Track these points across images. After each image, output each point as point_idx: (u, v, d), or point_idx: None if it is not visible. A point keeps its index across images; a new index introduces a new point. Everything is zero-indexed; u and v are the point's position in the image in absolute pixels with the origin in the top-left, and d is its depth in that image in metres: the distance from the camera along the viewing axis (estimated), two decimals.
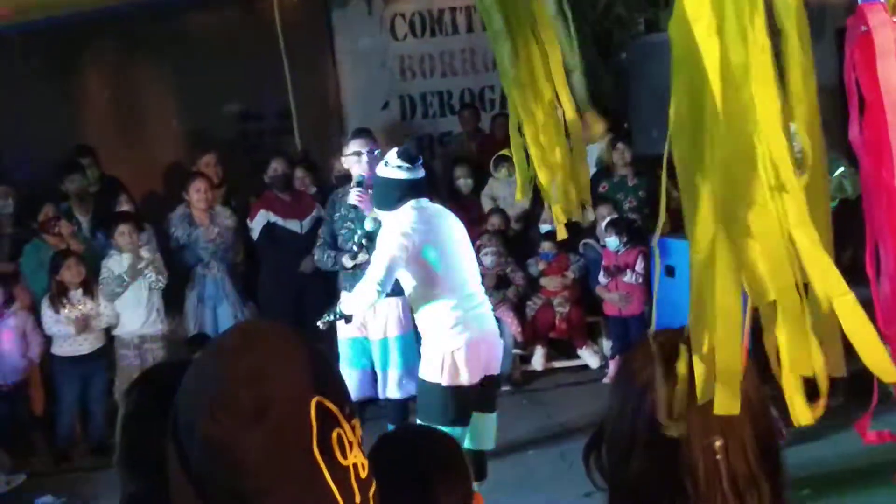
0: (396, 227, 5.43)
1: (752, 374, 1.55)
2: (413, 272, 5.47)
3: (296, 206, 8.51)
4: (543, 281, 9.01)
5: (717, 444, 1.48)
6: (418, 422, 5.62)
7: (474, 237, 8.99)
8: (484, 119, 10.93)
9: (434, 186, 9.73)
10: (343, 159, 6.55)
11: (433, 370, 5.47)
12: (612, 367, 8.50)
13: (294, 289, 8.35)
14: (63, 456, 7.82)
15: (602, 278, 8.65)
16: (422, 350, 5.67)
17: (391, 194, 5.52)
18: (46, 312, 7.75)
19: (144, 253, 7.95)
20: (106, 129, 10.30)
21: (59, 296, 7.71)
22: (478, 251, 8.78)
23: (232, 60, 10.45)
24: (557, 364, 9.12)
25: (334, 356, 6.34)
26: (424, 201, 5.62)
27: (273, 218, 8.42)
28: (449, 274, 5.48)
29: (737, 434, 1.50)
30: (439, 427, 5.47)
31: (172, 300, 8.39)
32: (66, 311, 7.71)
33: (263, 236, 8.44)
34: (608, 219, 8.66)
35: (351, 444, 1.25)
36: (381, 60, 11.17)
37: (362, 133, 6.57)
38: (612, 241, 8.52)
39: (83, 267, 7.79)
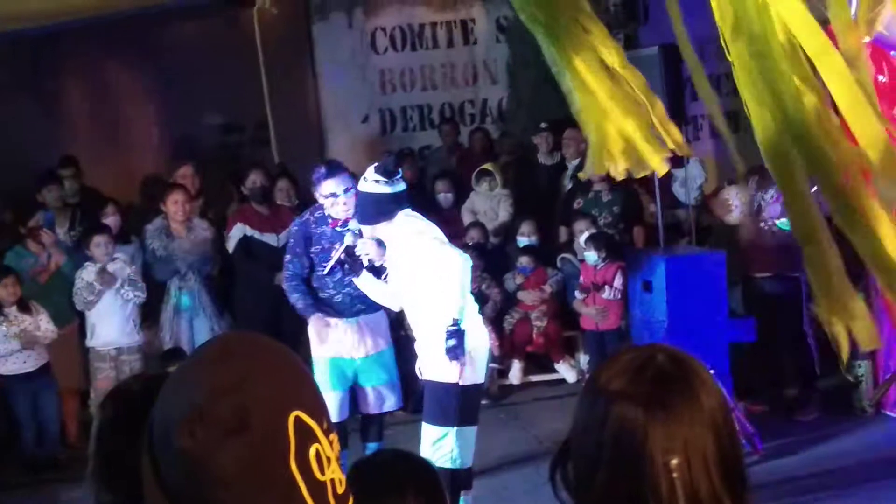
0: (414, 231, 5.49)
1: (717, 392, 1.55)
2: (419, 278, 5.48)
3: (273, 220, 8.48)
4: (521, 295, 9.03)
5: (674, 462, 1.47)
6: (425, 425, 5.63)
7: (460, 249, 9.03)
8: (463, 133, 10.96)
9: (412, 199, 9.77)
10: (319, 198, 6.28)
11: (450, 370, 5.45)
12: None
13: (270, 302, 8.30)
14: (33, 469, 7.75)
15: (578, 294, 8.67)
16: (429, 353, 5.59)
17: (374, 208, 5.56)
18: None
19: (112, 266, 7.87)
20: (86, 139, 10.27)
21: None
22: None
23: (213, 72, 10.44)
24: (534, 378, 9.13)
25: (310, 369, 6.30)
26: (411, 211, 5.66)
27: (250, 231, 8.39)
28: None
29: (699, 451, 1.49)
30: (450, 428, 5.51)
31: (148, 312, 8.36)
32: (4, 328, 7.65)
33: (239, 249, 8.40)
34: (587, 234, 8.69)
35: (329, 459, 1.25)
36: (362, 74, 11.18)
37: (336, 171, 6.23)
38: (591, 256, 8.54)
39: (18, 287, 7.70)
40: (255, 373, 1.25)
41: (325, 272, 6.10)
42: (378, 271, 5.90)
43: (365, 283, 5.89)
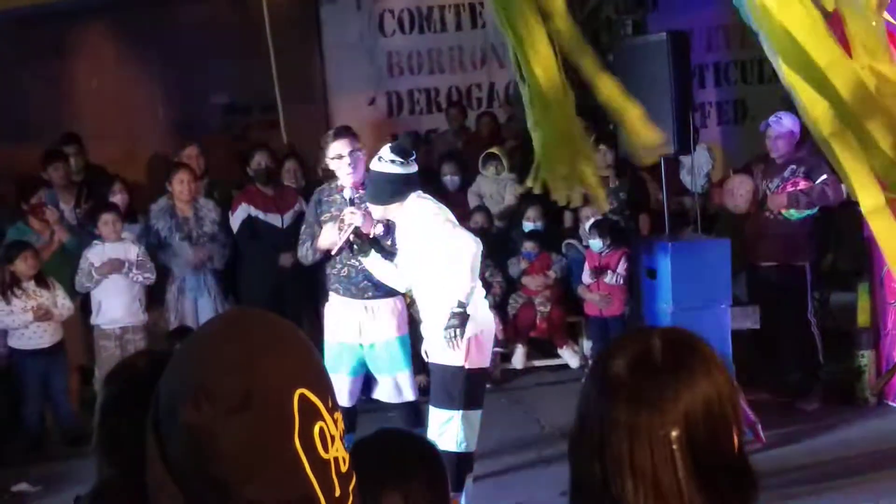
0: (427, 212, 5.47)
1: (719, 374, 1.54)
2: (429, 260, 5.45)
3: (278, 200, 8.49)
4: (525, 280, 9.03)
5: (673, 433, 1.48)
6: (432, 408, 5.62)
7: None
8: (470, 117, 10.94)
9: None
10: (327, 161, 6.25)
11: (454, 354, 5.45)
12: None
13: (273, 283, 8.33)
14: (34, 445, 7.78)
15: (586, 277, 8.66)
16: (436, 336, 5.52)
17: (386, 188, 5.52)
18: None
19: (118, 250, 7.88)
20: (92, 117, 10.27)
21: (11, 286, 7.65)
22: None
23: (220, 52, 10.45)
24: (538, 363, 9.15)
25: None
26: (423, 193, 5.64)
27: (254, 212, 8.39)
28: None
29: (698, 429, 1.48)
30: (457, 412, 5.50)
31: (153, 292, 8.38)
32: (21, 301, 7.66)
33: (244, 230, 8.41)
34: (592, 220, 8.69)
35: (333, 437, 1.25)
36: (369, 56, 11.17)
37: (343, 133, 6.24)
38: (596, 243, 8.55)
39: (38, 261, 7.72)
40: (261, 349, 1.25)
41: (335, 252, 6.00)
42: (387, 253, 5.87)
43: (372, 263, 5.86)
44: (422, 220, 5.50)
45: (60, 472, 6.91)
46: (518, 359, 9.03)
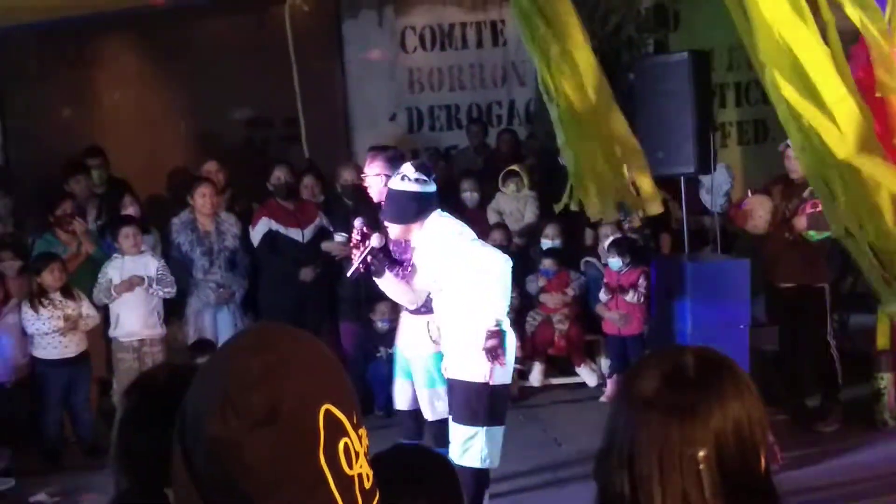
0: (451, 231, 5.47)
1: (749, 394, 1.55)
2: (473, 273, 5.44)
3: (298, 215, 8.51)
4: (543, 297, 9.02)
5: (701, 454, 1.48)
6: (454, 424, 5.61)
7: None
8: (491, 134, 10.95)
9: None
10: (368, 179, 6.18)
11: (479, 371, 5.45)
12: (610, 385, 8.51)
13: (294, 297, 8.35)
14: (53, 456, 7.81)
15: (603, 295, 8.66)
16: (459, 353, 5.55)
17: (410, 207, 5.50)
18: (27, 313, 7.72)
19: (137, 265, 7.93)
20: (114, 131, 10.32)
21: (38, 296, 7.70)
22: None
23: (242, 67, 10.49)
24: (555, 381, 9.13)
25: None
26: (443, 212, 5.63)
27: (275, 226, 8.42)
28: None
29: (729, 448, 1.51)
30: (480, 428, 5.49)
31: (173, 305, 8.41)
32: (48, 311, 7.70)
33: (264, 244, 8.43)
34: (611, 238, 8.68)
35: (357, 454, 1.26)
36: (390, 72, 11.20)
37: (385, 151, 6.29)
38: (615, 262, 8.53)
39: (65, 274, 7.76)
40: (288, 364, 1.25)
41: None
42: (400, 272, 5.86)
43: (386, 283, 5.86)
44: (444, 238, 5.49)
45: (79, 484, 6.94)
46: (535, 376, 9.01)
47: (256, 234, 8.44)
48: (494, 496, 6.02)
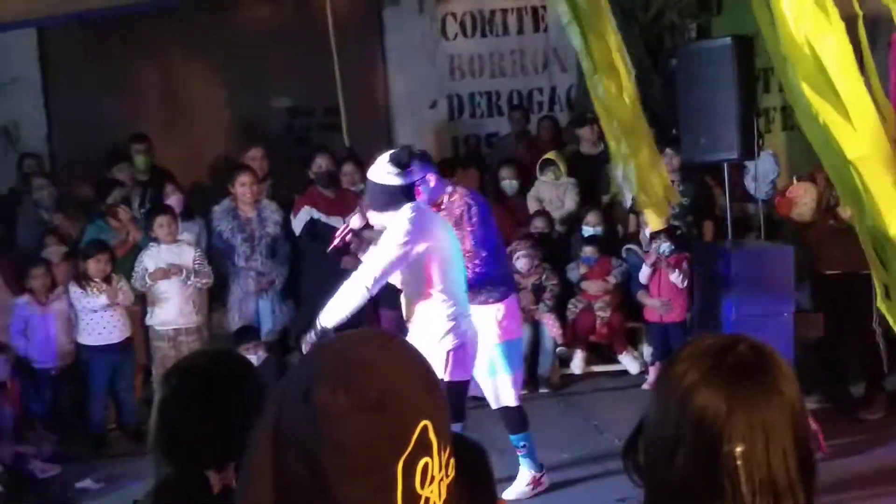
0: (397, 229, 5.45)
1: (795, 384, 1.54)
2: (415, 272, 5.50)
3: (339, 203, 8.52)
4: (585, 285, 8.99)
5: (738, 450, 1.48)
6: None
7: (518, 239, 9.01)
8: (532, 121, 10.92)
9: (481, 188, 9.75)
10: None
11: (437, 367, 5.45)
12: (652, 373, 8.47)
13: (335, 285, 8.35)
14: (99, 442, 7.91)
15: (644, 273, 8.54)
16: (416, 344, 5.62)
17: (382, 198, 5.56)
18: (75, 291, 7.85)
19: (174, 254, 8.00)
20: (157, 120, 10.40)
21: (83, 279, 7.82)
22: (511, 255, 8.77)
23: (284, 55, 10.53)
24: (596, 368, 9.10)
25: None
26: (421, 204, 5.65)
27: (316, 214, 8.45)
28: (447, 275, 5.52)
29: (779, 441, 1.50)
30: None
31: (216, 293, 8.48)
32: (91, 295, 7.81)
33: (306, 232, 8.46)
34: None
35: (433, 478, 1.29)
36: (431, 59, 11.19)
37: (425, 156, 6.36)
38: (665, 247, 8.42)
39: (109, 265, 7.86)
40: (410, 372, 1.32)
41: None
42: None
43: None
44: (388, 233, 5.50)
45: (123, 470, 7.00)
46: (577, 364, 8.99)
47: (298, 222, 8.48)
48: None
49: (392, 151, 5.66)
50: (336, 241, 5.87)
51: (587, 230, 9.11)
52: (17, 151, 10.02)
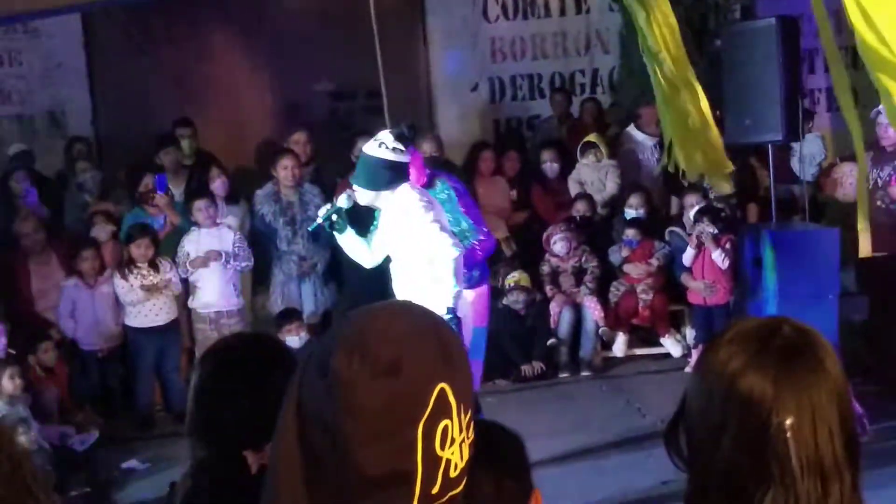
0: (415, 202, 5.45)
1: (840, 366, 1.54)
2: (421, 248, 5.49)
3: None
4: (627, 267, 8.96)
5: (788, 422, 1.48)
6: None
7: (560, 221, 9.00)
8: (574, 103, 10.87)
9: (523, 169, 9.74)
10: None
11: None
12: (695, 356, 8.42)
13: (377, 268, 8.38)
14: (146, 422, 8.01)
15: (688, 255, 8.48)
16: None
17: (383, 175, 5.49)
18: (118, 283, 7.94)
19: (213, 238, 8.06)
20: (201, 104, 10.45)
21: (127, 265, 7.90)
22: (548, 240, 8.76)
23: (326, 39, 10.54)
24: (639, 351, 9.08)
25: None
26: (414, 184, 5.63)
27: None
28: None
29: (825, 420, 1.50)
30: None
31: (259, 276, 8.54)
32: (136, 280, 7.89)
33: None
34: (697, 207, 8.57)
35: (453, 440, 1.30)
36: (473, 42, 11.16)
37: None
38: (710, 230, 8.36)
39: (152, 249, 7.95)
40: (425, 337, 1.33)
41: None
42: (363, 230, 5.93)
43: (346, 240, 5.90)
44: (409, 211, 5.47)
45: (169, 451, 7.08)
46: (619, 347, 8.97)
47: None
48: (577, 468, 6.02)
49: (393, 128, 5.61)
50: (320, 220, 5.78)
51: (629, 212, 9.08)
52: (64, 136, 10.13)
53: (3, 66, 10.27)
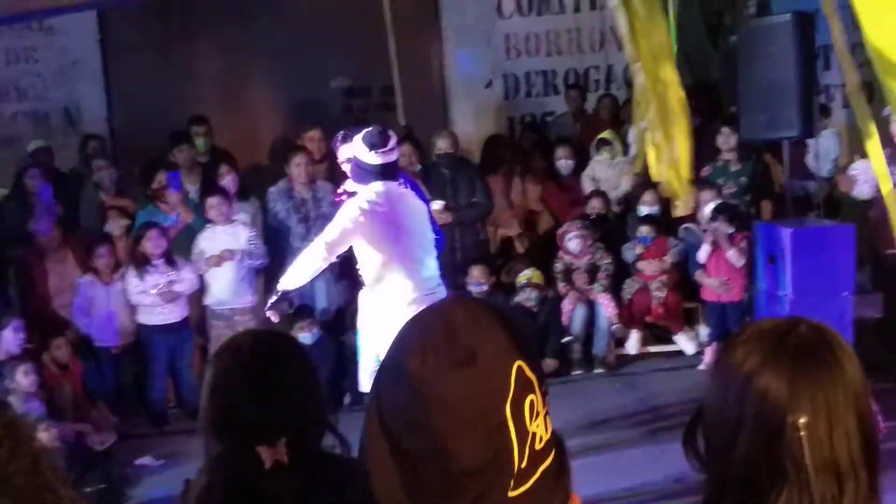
0: (357, 200, 5.61)
1: (857, 364, 1.53)
2: (370, 250, 5.59)
3: None
4: (641, 265, 8.93)
5: (802, 420, 1.48)
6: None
7: (573, 218, 8.99)
8: (589, 100, 10.85)
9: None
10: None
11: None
12: (709, 353, 8.40)
13: None
14: (159, 419, 8.03)
15: (703, 251, 8.45)
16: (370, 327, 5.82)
17: (359, 174, 5.73)
18: (132, 282, 7.94)
19: (228, 236, 8.08)
20: (215, 101, 10.47)
21: (142, 264, 7.91)
22: (562, 237, 8.74)
23: (340, 35, 10.53)
24: (652, 349, 9.06)
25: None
26: (391, 184, 5.71)
27: None
28: (406, 255, 5.59)
29: (842, 421, 1.50)
30: None
31: (273, 272, 8.53)
32: (153, 278, 7.90)
33: None
34: (711, 204, 8.54)
35: (538, 413, 1.33)
36: (487, 38, 11.14)
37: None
38: (727, 227, 8.34)
39: (164, 240, 7.96)
40: (490, 322, 1.35)
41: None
42: None
43: None
44: (349, 203, 5.66)
45: (182, 448, 7.09)
46: (633, 344, 8.96)
47: None
48: (591, 464, 6.00)
49: (367, 131, 5.73)
50: (339, 199, 6.05)
51: (643, 210, 9.05)
52: (79, 133, 10.16)
53: (19, 63, 10.31)
